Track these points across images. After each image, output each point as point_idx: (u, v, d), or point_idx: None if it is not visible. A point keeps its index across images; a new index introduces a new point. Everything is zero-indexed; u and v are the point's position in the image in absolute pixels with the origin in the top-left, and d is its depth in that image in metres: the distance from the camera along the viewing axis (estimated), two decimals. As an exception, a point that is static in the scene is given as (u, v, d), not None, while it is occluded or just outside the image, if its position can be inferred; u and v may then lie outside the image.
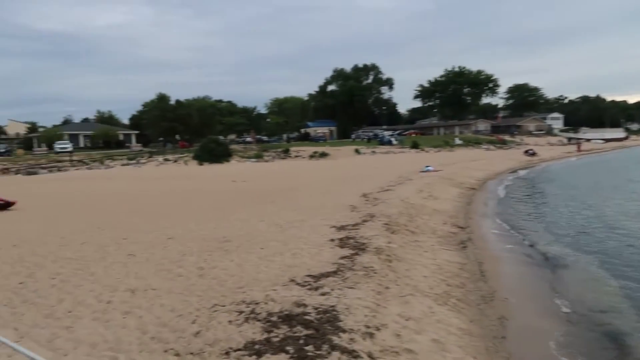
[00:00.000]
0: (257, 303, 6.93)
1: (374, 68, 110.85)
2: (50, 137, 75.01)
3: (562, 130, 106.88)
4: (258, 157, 52.11)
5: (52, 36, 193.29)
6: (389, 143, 68.73)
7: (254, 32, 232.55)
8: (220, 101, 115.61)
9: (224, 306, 6.89)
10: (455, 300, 8.01)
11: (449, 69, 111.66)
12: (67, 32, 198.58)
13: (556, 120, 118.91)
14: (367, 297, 7.10)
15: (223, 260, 9.47)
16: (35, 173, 44.86)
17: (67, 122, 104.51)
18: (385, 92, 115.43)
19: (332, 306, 6.61)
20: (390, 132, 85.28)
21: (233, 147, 58.44)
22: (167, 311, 6.77)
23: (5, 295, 7.58)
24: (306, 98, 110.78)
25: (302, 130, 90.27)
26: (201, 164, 47.90)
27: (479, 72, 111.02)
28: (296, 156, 53.82)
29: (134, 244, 11.34)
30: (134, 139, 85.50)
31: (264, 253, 9.92)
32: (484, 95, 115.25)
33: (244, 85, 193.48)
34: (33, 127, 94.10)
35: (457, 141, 73.14)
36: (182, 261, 9.48)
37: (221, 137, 68.99)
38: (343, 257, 9.31)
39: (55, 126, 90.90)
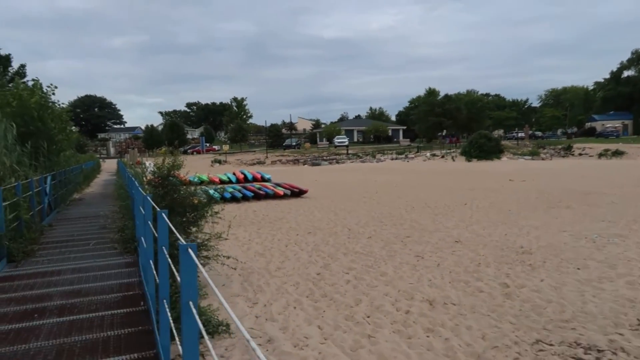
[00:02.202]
0: (600, 350, 5.16)
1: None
2: (330, 132, 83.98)
3: None
4: (533, 154, 47.12)
5: (334, 43, 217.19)
6: None
7: (527, 20, 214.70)
8: (487, 95, 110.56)
9: (551, 345, 5.33)
10: None
11: None
12: (346, 38, 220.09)
13: None
14: None
15: (530, 278, 7.83)
16: (318, 164, 50.37)
17: (342, 119, 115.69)
18: None
19: None
20: None
21: (504, 143, 54.40)
22: (477, 337, 5.59)
23: (306, 286, 7.63)
24: (591, 87, 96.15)
25: (587, 125, 78.54)
26: (469, 160, 46.01)
27: None
28: (580, 154, 46.74)
29: (418, 244, 10.65)
30: (401, 134, 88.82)
31: (584, 275, 7.86)
32: None
33: (512, 77, 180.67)
34: (317, 124, 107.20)
35: None
36: (479, 272, 8.22)
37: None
38: None
39: (332, 123, 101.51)
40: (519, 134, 67.88)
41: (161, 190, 7.82)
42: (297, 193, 20.17)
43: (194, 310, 1.96)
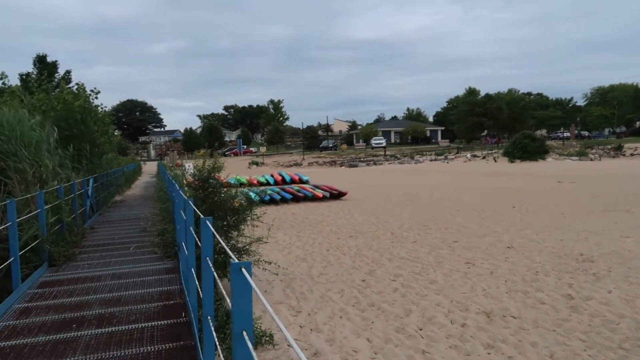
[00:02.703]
0: (691, 376, 4.53)
1: None
2: (367, 133, 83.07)
3: None
4: (581, 154, 45.12)
5: (370, 44, 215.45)
6: None
7: (570, 16, 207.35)
8: (528, 94, 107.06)
9: (632, 369, 4.74)
10: None
11: None
12: (382, 39, 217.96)
13: None
14: None
15: (596, 289, 7.18)
16: (356, 166, 49.84)
17: (379, 120, 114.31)
18: None
19: None
20: None
21: (549, 143, 52.33)
22: (545, 356, 5.07)
23: (352, 294, 7.23)
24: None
25: (638, 123, 74.86)
26: (512, 161, 44.49)
27: None
28: (632, 154, 44.44)
29: (467, 249, 10.07)
30: (439, 134, 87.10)
31: (659, 287, 7.14)
32: None
33: (555, 75, 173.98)
34: (353, 125, 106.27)
35: None
36: (538, 282, 7.61)
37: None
38: None
39: (368, 124, 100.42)
40: (564, 134, 65.27)
41: (201, 193, 7.59)
42: (336, 195, 19.79)
43: (249, 344, 1.60)
